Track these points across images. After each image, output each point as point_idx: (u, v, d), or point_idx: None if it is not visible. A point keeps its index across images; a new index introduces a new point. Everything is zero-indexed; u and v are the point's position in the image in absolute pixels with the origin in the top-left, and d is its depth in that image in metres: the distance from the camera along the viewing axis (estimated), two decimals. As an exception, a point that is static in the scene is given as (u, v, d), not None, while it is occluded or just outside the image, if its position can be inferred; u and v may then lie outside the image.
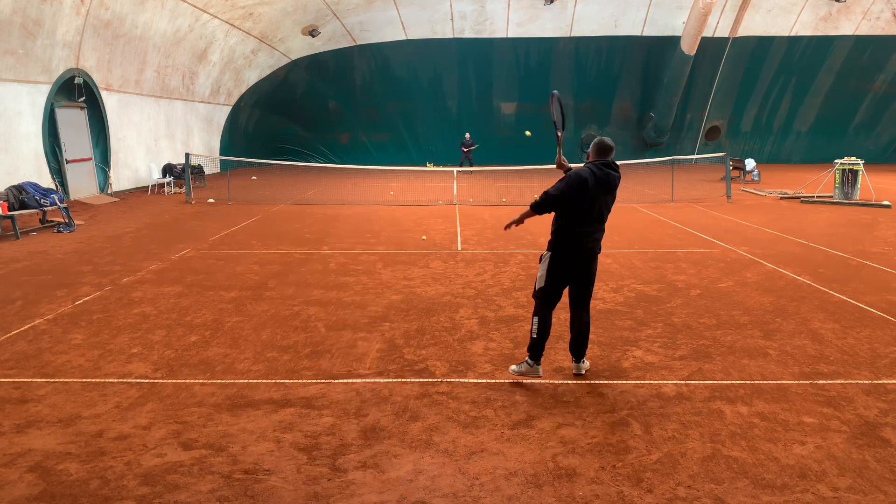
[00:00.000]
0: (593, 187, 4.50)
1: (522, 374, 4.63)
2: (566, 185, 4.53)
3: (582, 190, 4.50)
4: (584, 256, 4.60)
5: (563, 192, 4.53)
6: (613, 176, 4.61)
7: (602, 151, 4.66)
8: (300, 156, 28.23)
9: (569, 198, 4.52)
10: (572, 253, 4.59)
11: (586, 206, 4.52)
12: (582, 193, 4.50)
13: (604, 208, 4.61)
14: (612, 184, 4.62)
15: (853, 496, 3.19)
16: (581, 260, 4.60)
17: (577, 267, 4.61)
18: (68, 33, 14.41)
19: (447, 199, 16.19)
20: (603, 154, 4.66)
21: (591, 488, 3.28)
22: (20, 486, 3.31)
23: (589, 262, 4.65)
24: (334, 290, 7.26)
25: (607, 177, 4.57)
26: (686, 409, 4.20)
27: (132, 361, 5.08)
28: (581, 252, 4.58)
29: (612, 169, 4.63)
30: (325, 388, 4.56)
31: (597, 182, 4.52)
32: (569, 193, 4.52)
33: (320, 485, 3.33)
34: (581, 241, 4.57)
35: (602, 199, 4.57)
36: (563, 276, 4.64)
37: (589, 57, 28.09)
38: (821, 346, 5.38)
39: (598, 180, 4.52)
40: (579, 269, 4.62)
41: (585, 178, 4.49)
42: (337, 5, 23.86)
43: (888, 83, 28.46)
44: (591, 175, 4.51)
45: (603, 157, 4.64)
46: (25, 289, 7.40)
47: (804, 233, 11.03)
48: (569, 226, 4.58)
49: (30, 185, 11.88)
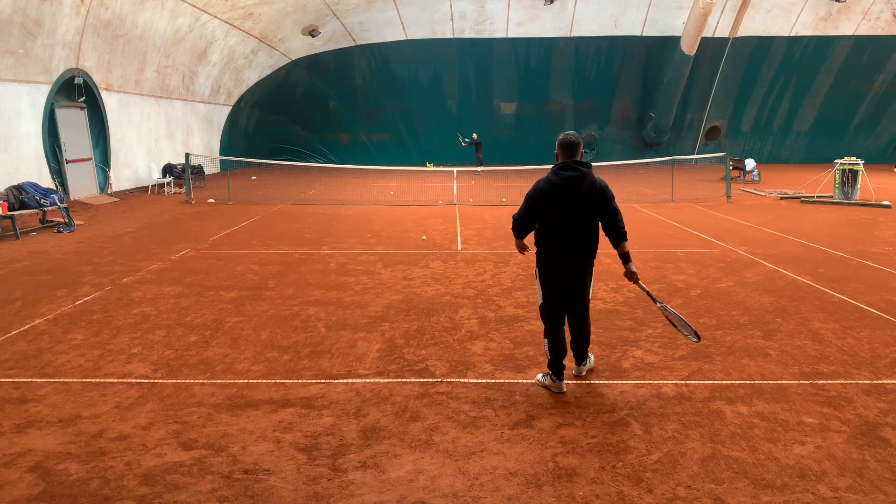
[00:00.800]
0: (550, 196, 4.30)
1: (546, 386, 4.52)
2: (524, 204, 4.41)
3: (539, 201, 4.33)
4: (565, 262, 4.39)
5: (523, 212, 4.43)
6: (572, 177, 4.29)
7: (565, 150, 4.39)
8: (300, 156, 28.24)
9: (530, 214, 4.39)
10: (552, 261, 4.42)
11: (551, 216, 4.33)
12: (539, 204, 4.33)
13: (574, 214, 4.32)
14: (575, 187, 4.29)
15: (853, 496, 3.19)
16: (563, 265, 4.40)
17: (560, 273, 4.42)
18: (68, 33, 14.41)
19: (447, 199, 16.19)
20: (567, 153, 4.38)
21: (591, 488, 3.28)
22: (20, 486, 3.31)
23: (573, 268, 4.43)
24: (334, 290, 7.26)
25: (566, 181, 4.28)
26: (686, 409, 4.19)
27: (132, 361, 5.08)
28: (560, 259, 4.39)
29: (571, 171, 4.31)
30: (325, 388, 4.56)
31: (553, 189, 4.30)
32: (529, 210, 4.40)
33: (320, 485, 3.33)
34: (556, 249, 4.38)
35: (567, 205, 4.30)
36: (553, 286, 4.46)
37: (589, 57, 28.10)
38: (821, 346, 5.38)
39: (554, 187, 4.29)
40: (563, 276, 4.43)
41: (540, 188, 4.33)
42: (337, 5, 23.86)
43: (888, 83, 28.47)
44: (547, 183, 4.31)
45: (568, 157, 4.37)
46: (25, 289, 7.40)
47: (804, 233, 11.03)
48: (542, 236, 4.43)
49: (30, 185, 11.88)
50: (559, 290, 4.47)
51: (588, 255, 4.43)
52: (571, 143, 4.35)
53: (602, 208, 4.35)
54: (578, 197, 4.28)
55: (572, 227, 4.33)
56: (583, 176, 4.28)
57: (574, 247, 4.36)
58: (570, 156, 4.36)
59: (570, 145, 4.35)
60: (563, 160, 4.37)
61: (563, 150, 4.37)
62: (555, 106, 29.46)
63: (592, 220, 4.38)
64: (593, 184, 4.31)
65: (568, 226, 4.33)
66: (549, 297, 4.49)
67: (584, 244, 4.38)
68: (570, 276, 4.44)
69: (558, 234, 4.34)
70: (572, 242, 4.35)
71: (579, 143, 4.38)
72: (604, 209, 4.36)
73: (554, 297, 4.48)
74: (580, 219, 4.32)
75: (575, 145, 4.35)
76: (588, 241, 4.39)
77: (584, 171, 4.31)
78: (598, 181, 4.36)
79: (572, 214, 4.30)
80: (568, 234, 4.34)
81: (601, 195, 4.34)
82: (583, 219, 4.33)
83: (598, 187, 4.33)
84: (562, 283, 4.45)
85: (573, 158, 4.37)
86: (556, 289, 4.46)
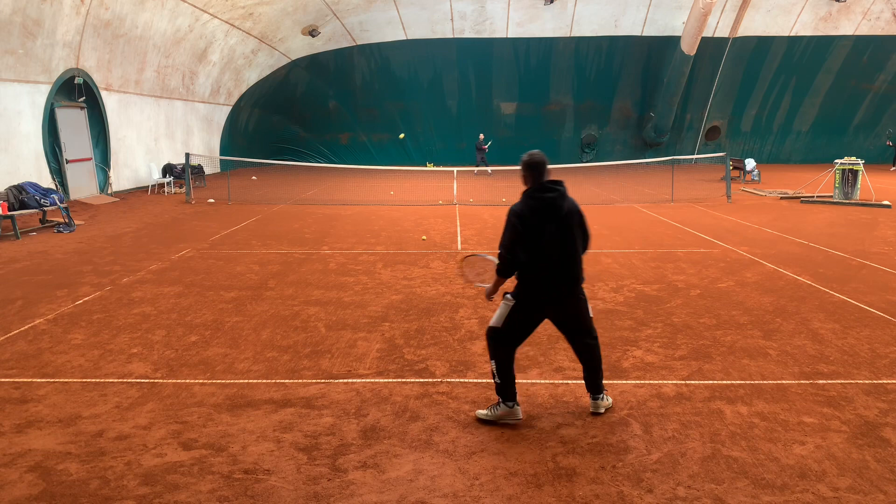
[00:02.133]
0: (529, 221, 3.89)
1: (498, 417, 4.00)
2: (507, 234, 3.94)
3: (521, 228, 3.90)
4: (551, 299, 3.98)
5: (511, 243, 3.94)
6: (550, 199, 3.92)
7: (535, 171, 4.00)
8: (300, 156, 28.25)
9: (519, 244, 3.92)
10: (535, 297, 3.97)
11: (532, 244, 3.91)
12: (521, 232, 3.90)
13: (555, 241, 3.93)
14: (554, 209, 3.92)
15: (853, 496, 3.19)
16: (550, 304, 3.99)
17: (549, 313, 4.02)
18: (68, 33, 14.41)
19: (447, 199, 16.19)
20: (535, 175, 3.99)
21: (591, 488, 3.28)
22: (20, 486, 3.31)
23: (562, 303, 4.01)
24: (334, 290, 7.26)
25: (543, 204, 3.91)
26: (686, 409, 4.19)
27: (132, 361, 5.08)
28: (545, 295, 3.96)
29: (548, 192, 3.94)
30: (325, 388, 4.56)
31: (532, 213, 3.91)
32: (517, 241, 3.91)
33: (320, 485, 3.33)
34: (540, 283, 3.95)
35: (547, 231, 3.90)
36: (526, 323, 4.02)
37: (589, 57, 28.10)
38: (821, 346, 5.38)
39: (532, 211, 3.91)
40: (555, 314, 4.03)
41: (519, 214, 3.91)
42: (337, 5, 23.86)
43: (888, 83, 28.48)
44: (525, 208, 3.92)
45: (538, 179, 3.99)
46: (25, 289, 7.40)
47: (804, 233, 11.03)
48: (524, 268, 3.98)
49: (30, 185, 11.88)
50: (533, 327, 4.07)
51: (579, 279, 4.06)
52: (535, 162, 4.00)
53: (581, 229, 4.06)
54: (555, 223, 3.93)
55: (557, 257, 3.94)
56: (562, 196, 3.98)
57: (562, 280, 3.97)
58: (542, 176, 4.01)
59: (536, 165, 4.00)
60: (536, 182, 4.00)
61: (533, 172, 4.00)
62: (555, 106, 29.46)
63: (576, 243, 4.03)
64: (572, 204, 4.03)
65: (551, 257, 3.93)
66: (509, 331, 4.00)
67: (573, 270, 4.00)
68: (562, 314, 4.05)
69: (541, 264, 3.93)
70: (558, 275, 3.95)
71: (544, 161, 4.04)
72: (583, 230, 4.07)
73: (517, 334, 4.03)
74: (567, 243, 3.97)
75: (540, 164, 4.01)
76: (577, 266, 4.04)
77: (561, 190, 4.00)
78: (573, 201, 4.08)
79: (555, 243, 3.93)
80: (551, 265, 3.93)
81: (580, 216, 4.06)
82: (566, 247, 3.97)
83: (577, 208, 4.06)
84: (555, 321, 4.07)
85: (545, 179, 4.01)
86: (530, 327, 4.05)
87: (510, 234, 3.92)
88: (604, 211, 14.07)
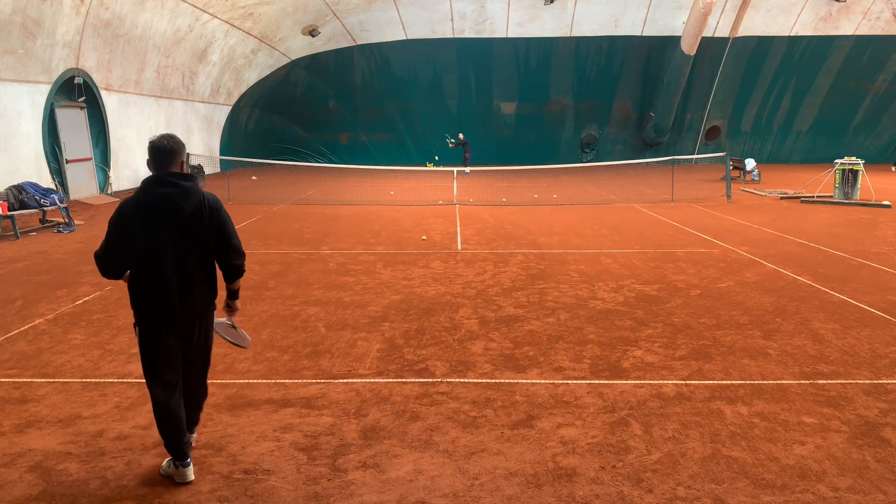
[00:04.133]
0: (138, 221, 3.12)
1: (170, 474, 3.36)
2: (108, 231, 3.16)
3: (123, 230, 3.13)
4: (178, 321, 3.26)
5: (107, 244, 3.15)
6: (171, 195, 3.15)
7: (157, 159, 3.23)
8: (300, 156, 28.24)
9: (116, 248, 3.13)
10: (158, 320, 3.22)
11: (140, 252, 3.14)
12: (124, 235, 3.12)
13: (173, 249, 3.18)
14: (171, 210, 3.15)
15: (853, 496, 3.19)
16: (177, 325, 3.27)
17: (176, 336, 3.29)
18: (68, 33, 14.41)
19: (447, 199, 16.19)
20: (158, 162, 3.23)
21: (591, 488, 3.28)
22: (20, 486, 3.31)
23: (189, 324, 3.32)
24: (334, 290, 7.26)
25: (156, 200, 3.15)
26: (686, 409, 4.19)
27: (132, 361, 5.08)
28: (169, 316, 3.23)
29: (167, 186, 3.17)
30: (325, 388, 4.56)
31: (142, 212, 3.13)
32: (113, 241, 3.13)
33: (320, 485, 3.33)
34: (158, 301, 3.20)
35: (161, 236, 3.15)
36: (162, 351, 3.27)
37: (589, 57, 28.10)
38: (821, 346, 5.38)
39: (143, 210, 3.14)
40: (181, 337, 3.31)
41: (124, 213, 3.14)
42: (337, 5, 23.86)
43: (888, 83, 28.48)
44: (135, 205, 3.15)
45: (161, 168, 3.22)
46: (25, 289, 7.40)
47: (804, 233, 11.03)
48: (133, 282, 3.24)
49: (30, 185, 11.89)
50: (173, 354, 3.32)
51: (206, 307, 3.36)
52: (160, 147, 3.20)
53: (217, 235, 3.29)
54: (173, 227, 3.17)
55: (174, 269, 3.20)
56: (184, 193, 3.18)
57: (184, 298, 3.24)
58: (165, 166, 3.22)
59: (161, 151, 3.20)
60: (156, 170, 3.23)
61: (154, 161, 3.23)
62: (555, 106, 29.46)
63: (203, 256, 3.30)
64: (202, 202, 3.23)
65: (167, 268, 3.18)
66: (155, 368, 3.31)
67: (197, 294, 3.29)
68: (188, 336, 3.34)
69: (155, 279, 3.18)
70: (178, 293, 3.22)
71: (172, 148, 3.22)
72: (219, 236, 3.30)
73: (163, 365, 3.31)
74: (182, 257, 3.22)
75: (165, 151, 3.20)
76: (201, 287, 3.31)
77: (185, 185, 3.19)
78: (210, 198, 3.29)
79: (171, 252, 3.18)
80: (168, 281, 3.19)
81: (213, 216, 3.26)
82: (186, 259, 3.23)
83: (210, 206, 3.26)
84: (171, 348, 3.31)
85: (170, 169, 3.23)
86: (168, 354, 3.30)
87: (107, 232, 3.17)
88: (604, 211, 14.07)
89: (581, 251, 9.49)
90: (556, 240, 10.44)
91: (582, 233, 11.17)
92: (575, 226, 11.97)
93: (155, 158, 3.23)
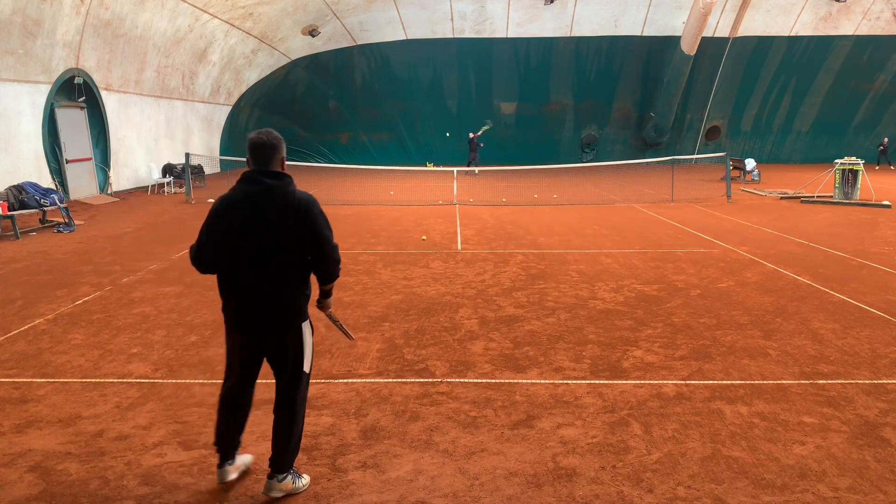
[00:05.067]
0: (228, 216, 3.01)
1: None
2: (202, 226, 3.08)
3: (211, 226, 3.04)
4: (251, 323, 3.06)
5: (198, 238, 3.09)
6: (255, 193, 2.99)
7: (253, 155, 3.08)
8: (300, 156, 28.24)
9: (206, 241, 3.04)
10: (235, 318, 3.11)
11: (228, 248, 3.01)
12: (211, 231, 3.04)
13: (261, 249, 2.98)
14: (259, 207, 2.97)
15: (853, 496, 3.19)
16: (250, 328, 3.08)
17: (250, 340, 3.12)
18: (68, 33, 14.41)
19: (447, 199, 16.19)
20: (255, 159, 3.08)
21: (591, 488, 3.28)
22: (20, 486, 3.31)
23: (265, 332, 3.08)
24: (334, 290, 7.25)
25: (246, 197, 2.99)
26: (686, 409, 4.19)
27: (132, 361, 5.08)
28: (244, 317, 3.07)
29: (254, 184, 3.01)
30: (325, 388, 4.56)
31: (231, 208, 3.01)
32: (202, 237, 3.06)
33: (320, 485, 3.33)
34: (237, 301, 3.07)
35: (243, 236, 2.99)
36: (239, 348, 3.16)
37: (589, 57, 28.11)
38: (821, 346, 5.38)
39: (229, 207, 3.02)
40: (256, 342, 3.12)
41: (214, 208, 3.07)
42: (337, 5, 23.87)
43: (888, 83, 28.49)
44: (223, 201, 3.07)
45: (257, 165, 3.08)
46: (25, 289, 7.40)
47: (804, 233, 11.03)
48: (220, 278, 3.12)
49: (30, 185, 11.89)
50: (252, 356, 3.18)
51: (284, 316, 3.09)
52: (259, 143, 3.05)
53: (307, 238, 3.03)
54: (263, 225, 2.98)
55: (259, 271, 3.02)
56: (271, 189, 2.99)
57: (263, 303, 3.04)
58: (261, 162, 3.07)
59: (259, 146, 3.06)
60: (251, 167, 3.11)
61: (252, 157, 3.10)
62: (555, 106, 29.47)
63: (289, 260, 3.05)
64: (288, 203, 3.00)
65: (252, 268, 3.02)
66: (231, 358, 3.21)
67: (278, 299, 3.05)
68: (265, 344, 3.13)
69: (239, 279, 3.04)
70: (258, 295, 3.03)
71: (270, 143, 3.05)
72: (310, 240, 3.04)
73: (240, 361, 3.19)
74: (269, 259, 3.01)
75: (262, 147, 3.05)
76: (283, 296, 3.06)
77: (270, 184, 3.00)
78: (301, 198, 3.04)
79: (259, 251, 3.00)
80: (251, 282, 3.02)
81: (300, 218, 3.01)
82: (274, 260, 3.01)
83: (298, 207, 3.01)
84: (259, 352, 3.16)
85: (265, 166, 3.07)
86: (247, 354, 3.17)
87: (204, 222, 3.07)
88: (604, 211, 14.07)
89: (581, 251, 9.49)
90: (556, 240, 10.44)
91: (582, 233, 11.17)
92: (575, 226, 11.97)
93: (252, 155, 3.08)
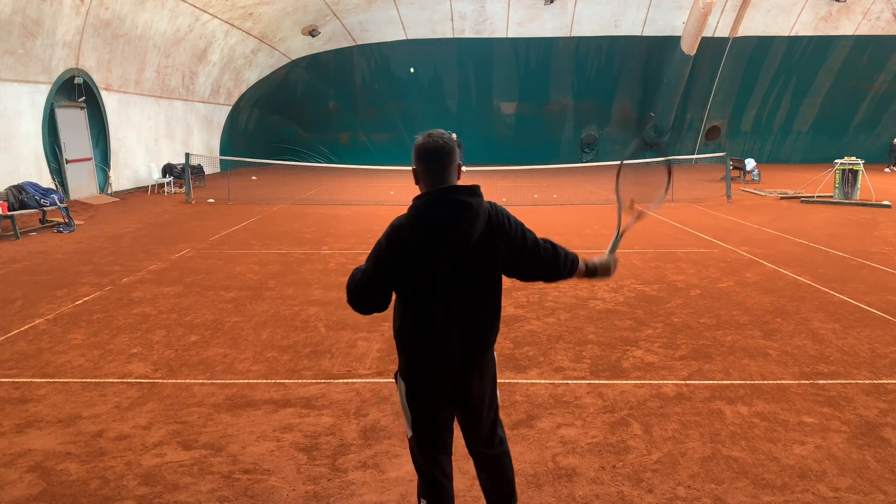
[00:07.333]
0: (420, 245, 2.32)
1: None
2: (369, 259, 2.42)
3: (390, 261, 2.35)
4: (446, 372, 2.44)
5: (364, 273, 2.44)
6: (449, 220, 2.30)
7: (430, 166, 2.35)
8: (300, 156, 28.25)
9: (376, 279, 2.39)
10: (424, 371, 2.47)
11: (420, 284, 2.36)
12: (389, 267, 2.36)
13: (463, 279, 2.37)
14: (462, 231, 2.31)
15: (853, 496, 3.19)
16: (444, 379, 2.45)
17: (445, 390, 2.47)
18: (68, 33, 14.41)
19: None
20: (433, 169, 2.35)
21: (591, 488, 3.28)
22: (20, 486, 3.31)
23: (463, 377, 2.46)
24: (334, 290, 7.26)
25: (444, 223, 2.30)
26: (686, 409, 4.19)
27: (132, 361, 5.08)
28: (438, 367, 2.44)
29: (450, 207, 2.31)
30: (325, 388, 4.56)
31: (426, 236, 2.31)
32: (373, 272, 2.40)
33: (320, 485, 3.33)
34: (430, 346, 2.41)
35: (450, 264, 2.34)
36: (431, 408, 2.51)
37: (589, 57, 28.11)
38: (821, 346, 5.38)
39: (427, 232, 2.31)
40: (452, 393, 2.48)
41: (399, 237, 2.34)
42: (337, 5, 23.87)
43: (888, 83, 28.47)
44: (413, 226, 2.33)
45: (436, 177, 2.35)
46: (25, 289, 7.40)
47: (804, 233, 11.03)
48: (405, 322, 2.45)
49: (30, 185, 11.89)
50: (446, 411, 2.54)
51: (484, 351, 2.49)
52: (435, 150, 2.34)
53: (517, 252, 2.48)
54: (465, 251, 2.35)
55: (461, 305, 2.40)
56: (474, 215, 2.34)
57: (464, 341, 2.42)
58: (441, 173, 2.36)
59: (437, 154, 2.34)
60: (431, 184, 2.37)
61: (427, 168, 2.37)
62: (555, 106, 29.47)
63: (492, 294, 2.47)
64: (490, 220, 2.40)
65: (451, 305, 2.39)
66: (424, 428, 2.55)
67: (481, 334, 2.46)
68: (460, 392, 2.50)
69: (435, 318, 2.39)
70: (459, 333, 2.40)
71: (450, 148, 2.35)
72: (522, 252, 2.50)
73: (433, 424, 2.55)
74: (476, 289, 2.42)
75: (440, 154, 2.34)
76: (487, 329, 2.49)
77: (472, 202, 2.33)
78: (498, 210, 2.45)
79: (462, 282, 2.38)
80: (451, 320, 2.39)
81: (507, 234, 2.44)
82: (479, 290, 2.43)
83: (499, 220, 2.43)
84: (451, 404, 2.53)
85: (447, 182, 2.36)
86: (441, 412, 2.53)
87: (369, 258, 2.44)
88: (604, 211, 14.07)
89: (581, 251, 9.46)
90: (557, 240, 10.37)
91: (582, 233, 11.16)
92: (575, 226, 11.97)
93: (428, 166, 2.35)
